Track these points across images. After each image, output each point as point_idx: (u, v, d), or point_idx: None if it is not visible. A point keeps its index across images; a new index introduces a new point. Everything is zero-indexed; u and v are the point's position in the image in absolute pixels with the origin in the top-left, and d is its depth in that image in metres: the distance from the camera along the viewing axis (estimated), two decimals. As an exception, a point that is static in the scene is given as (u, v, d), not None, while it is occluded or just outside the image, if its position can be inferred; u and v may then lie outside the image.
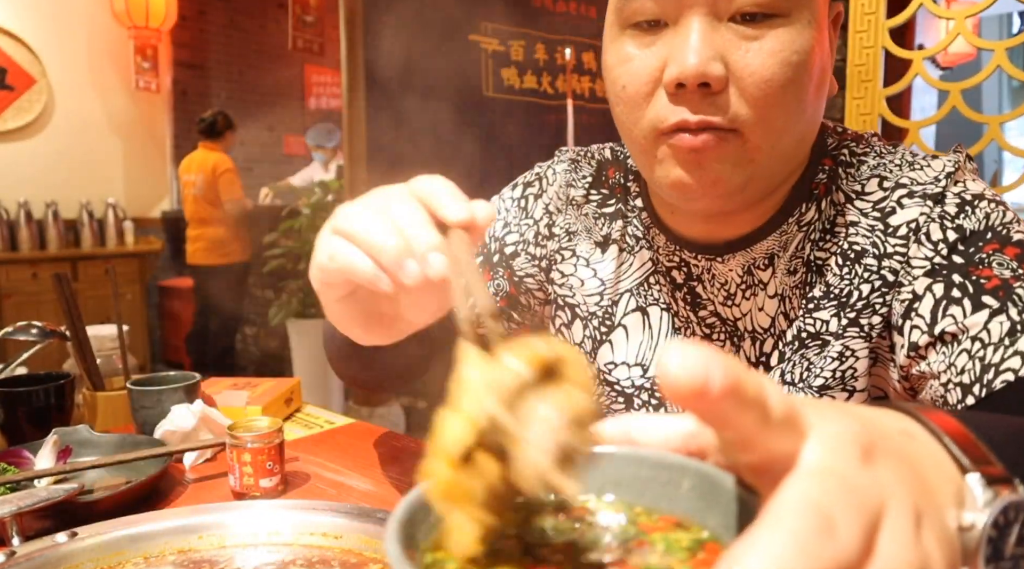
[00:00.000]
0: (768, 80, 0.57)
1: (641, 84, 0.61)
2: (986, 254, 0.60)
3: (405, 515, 0.28)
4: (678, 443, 0.32)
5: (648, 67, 0.60)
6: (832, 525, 0.23)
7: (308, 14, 5.13)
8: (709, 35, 0.57)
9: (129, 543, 0.58)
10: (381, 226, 0.47)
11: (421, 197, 0.48)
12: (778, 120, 0.59)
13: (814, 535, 0.23)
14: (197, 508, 0.62)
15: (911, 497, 0.26)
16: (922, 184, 0.64)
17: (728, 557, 0.22)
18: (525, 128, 3.52)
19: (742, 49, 0.57)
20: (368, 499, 0.74)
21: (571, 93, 3.66)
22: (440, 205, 0.46)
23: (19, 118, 4.35)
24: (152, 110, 5.03)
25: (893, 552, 0.24)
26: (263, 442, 0.73)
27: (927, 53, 1.39)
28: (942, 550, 0.26)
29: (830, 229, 0.67)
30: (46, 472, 0.74)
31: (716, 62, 0.57)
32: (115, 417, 1.01)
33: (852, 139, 0.70)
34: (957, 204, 0.62)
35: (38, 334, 1.03)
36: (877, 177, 0.66)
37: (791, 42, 0.58)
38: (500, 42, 3.43)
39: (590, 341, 0.77)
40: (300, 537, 0.60)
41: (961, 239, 0.61)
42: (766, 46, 0.57)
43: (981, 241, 0.60)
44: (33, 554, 0.55)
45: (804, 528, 0.23)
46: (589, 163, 0.81)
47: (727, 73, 0.58)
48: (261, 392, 1.02)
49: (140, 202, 4.99)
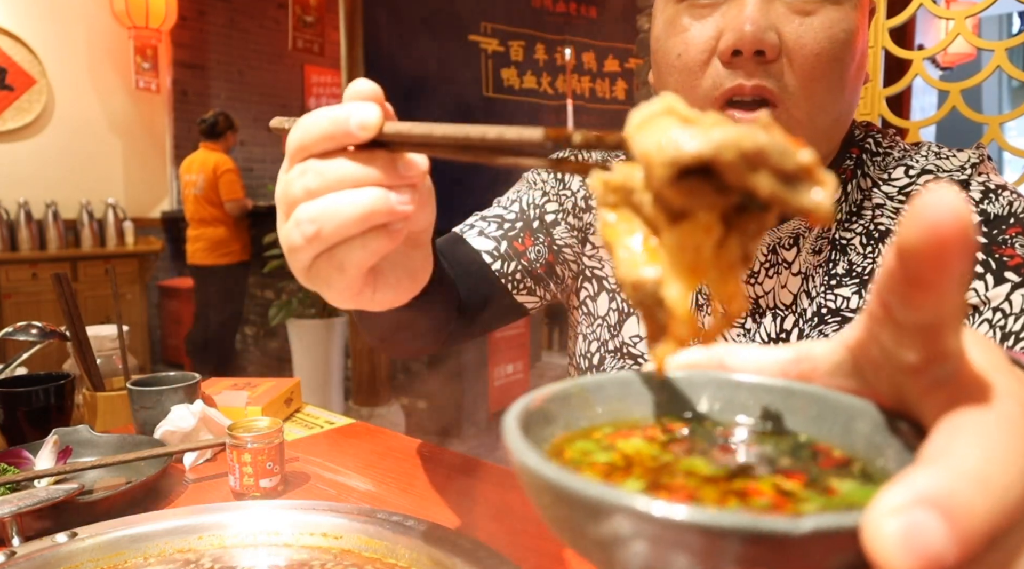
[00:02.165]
0: (818, 54, 0.60)
1: (697, 52, 0.63)
2: (1010, 236, 0.62)
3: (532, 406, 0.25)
4: (775, 371, 0.29)
5: (704, 36, 0.62)
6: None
7: (308, 14, 5.13)
8: (765, 6, 0.60)
9: (129, 543, 0.58)
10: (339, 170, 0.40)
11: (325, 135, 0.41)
12: (821, 95, 0.62)
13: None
14: (197, 508, 0.62)
15: None
16: (948, 171, 0.67)
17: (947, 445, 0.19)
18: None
19: (795, 22, 0.60)
20: (368, 499, 0.74)
21: (571, 93, 3.66)
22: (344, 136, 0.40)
23: (19, 118, 4.35)
24: (152, 110, 5.03)
25: None
26: (263, 442, 0.73)
27: (927, 53, 1.39)
28: None
29: (856, 212, 0.69)
30: (46, 472, 0.74)
31: (771, 31, 0.60)
32: (115, 417, 1.00)
33: (878, 132, 0.73)
34: (981, 191, 0.65)
35: (38, 334, 1.03)
36: (903, 165, 0.69)
37: (840, 20, 0.61)
38: (500, 42, 3.43)
39: (615, 313, 0.78)
40: (300, 537, 0.60)
41: (985, 221, 0.63)
42: (817, 21, 0.60)
43: (1004, 225, 0.63)
44: (33, 554, 0.55)
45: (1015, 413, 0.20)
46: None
47: (780, 43, 0.60)
48: (261, 392, 1.02)
49: (140, 202, 4.99)
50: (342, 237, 0.40)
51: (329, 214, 0.39)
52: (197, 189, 4.03)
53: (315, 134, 0.40)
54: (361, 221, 0.39)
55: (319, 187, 0.40)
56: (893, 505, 0.17)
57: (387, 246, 0.42)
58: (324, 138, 0.40)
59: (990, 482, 0.18)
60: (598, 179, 0.27)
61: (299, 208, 0.40)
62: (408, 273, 0.49)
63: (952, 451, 0.18)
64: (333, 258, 0.41)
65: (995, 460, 0.18)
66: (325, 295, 0.45)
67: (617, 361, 0.78)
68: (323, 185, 0.40)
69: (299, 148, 0.41)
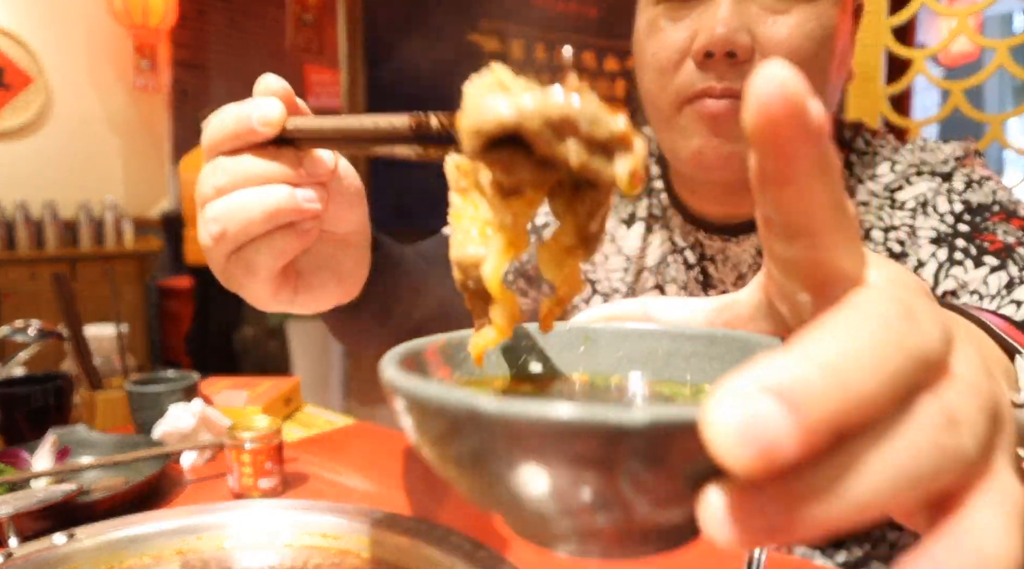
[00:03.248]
0: (792, 52, 0.60)
1: (671, 52, 0.63)
2: (992, 223, 0.62)
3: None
4: (701, 321, 0.28)
5: (678, 38, 0.63)
6: (914, 314, 0.18)
7: (308, 14, 5.13)
8: (738, 7, 0.60)
9: (127, 544, 0.58)
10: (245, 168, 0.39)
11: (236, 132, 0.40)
12: None
13: (898, 318, 0.18)
14: (196, 509, 0.62)
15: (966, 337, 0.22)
16: (931, 164, 0.66)
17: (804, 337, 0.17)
18: (525, 128, 3.52)
19: (769, 21, 0.60)
20: (368, 499, 0.74)
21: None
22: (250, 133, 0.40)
23: (16, 117, 4.35)
24: (151, 110, 5.03)
25: (970, 374, 0.19)
26: (262, 442, 0.73)
27: (929, 52, 1.39)
28: (1008, 409, 0.21)
29: None
30: (44, 473, 0.74)
31: (743, 32, 0.59)
32: (114, 417, 1.00)
33: (870, 132, 0.72)
34: (965, 182, 0.64)
35: (36, 334, 1.03)
36: (888, 162, 0.69)
37: (815, 17, 0.60)
38: (500, 42, 3.43)
39: None
40: (299, 538, 0.60)
41: (967, 210, 0.63)
42: (792, 20, 0.60)
43: (987, 212, 0.62)
44: (31, 555, 0.54)
45: (887, 311, 0.18)
46: None
47: (753, 44, 0.60)
48: (260, 392, 1.02)
49: (139, 202, 4.98)
50: (248, 236, 0.39)
51: (234, 212, 0.38)
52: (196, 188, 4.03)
53: (222, 132, 0.39)
54: (266, 219, 0.39)
55: (226, 184, 0.39)
56: (732, 391, 0.15)
57: (295, 245, 0.41)
58: (230, 136, 0.39)
59: (841, 371, 0.16)
60: (450, 163, 0.27)
61: (207, 206, 0.40)
62: (335, 276, 0.47)
63: (806, 341, 0.16)
64: (241, 258, 0.40)
65: (851, 351, 0.16)
66: (244, 296, 0.44)
67: None
68: (229, 182, 0.39)
69: (210, 146, 0.40)
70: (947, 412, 0.17)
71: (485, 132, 0.22)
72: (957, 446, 0.17)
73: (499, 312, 0.25)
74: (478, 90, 0.23)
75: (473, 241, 0.25)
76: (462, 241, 0.26)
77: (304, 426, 1.00)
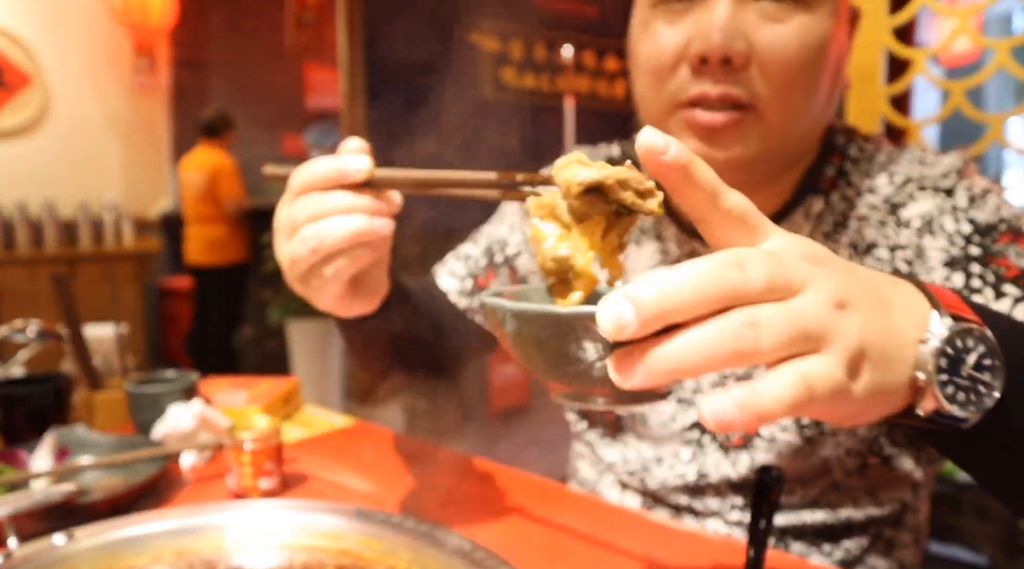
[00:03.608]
0: (789, 59, 0.60)
1: (666, 57, 0.63)
2: (1002, 245, 0.61)
3: None
4: None
5: (674, 42, 0.62)
6: (743, 263, 0.31)
7: (307, 14, 5.13)
8: (735, 13, 0.60)
9: (127, 544, 0.58)
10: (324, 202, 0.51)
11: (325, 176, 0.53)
12: (795, 100, 0.61)
13: (721, 266, 0.31)
14: (195, 509, 0.62)
15: (839, 289, 0.33)
16: (933, 178, 0.66)
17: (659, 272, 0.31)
18: (525, 128, 3.52)
19: (766, 29, 0.60)
20: (368, 500, 0.74)
21: (571, 93, 3.66)
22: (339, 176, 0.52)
23: (15, 117, 4.34)
24: (151, 110, 5.03)
25: (793, 304, 0.31)
26: (262, 442, 0.73)
27: (929, 52, 1.39)
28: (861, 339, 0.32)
29: (841, 222, 0.68)
30: (43, 473, 0.73)
31: (740, 39, 0.59)
32: (113, 417, 1.00)
33: (862, 138, 0.72)
34: (968, 197, 0.64)
35: (35, 335, 1.03)
36: (887, 173, 0.68)
37: (813, 27, 0.60)
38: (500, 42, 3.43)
39: None
40: (299, 538, 0.60)
41: (976, 230, 0.63)
42: (789, 27, 0.60)
43: (995, 232, 0.62)
44: (30, 556, 0.54)
45: (716, 261, 0.31)
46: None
47: (750, 51, 0.60)
48: (260, 392, 1.02)
49: (138, 202, 4.98)
50: (337, 249, 0.51)
51: (328, 231, 0.51)
52: (196, 188, 4.02)
53: (320, 176, 0.52)
54: (352, 238, 0.51)
55: (321, 212, 0.51)
56: (610, 298, 0.30)
57: (369, 258, 0.54)
58: (327, 179, 0.51)
59: (665, 289, 0.30)
60: (532, 201, 0.42)
61: (304, 228, 0.51)
62: (375, 286, 0.61)
63: (658, 273, 0.31)
64: (328, 265, 0.53)
65: (677, 279, 0.30)
66: (315, 300, 0.57)
67: None
68: (324, 211, 0.51)
69: (304, 185, 0.52)
70: (751, 319, 0.30)
71: (585, 183, 0.38)
72: (755, 337, 0.30)
73: (582, 283, 0.40)
74: (565, 161, 0.40)
75: (559, 247, 0.40)
76: (553, 246, 0.40)
77: (304, 426, 1.00)
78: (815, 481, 0.71)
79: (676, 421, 0.74)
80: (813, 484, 0.71)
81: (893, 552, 0.75)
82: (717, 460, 0.73)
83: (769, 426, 0.69)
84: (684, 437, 0.75)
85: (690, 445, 0.74)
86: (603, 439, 0.82)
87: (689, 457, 0.74)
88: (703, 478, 0.74)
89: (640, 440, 0.78)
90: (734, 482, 0.73)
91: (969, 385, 0.35)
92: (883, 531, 0.74)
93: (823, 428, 0.68)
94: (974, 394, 0.35)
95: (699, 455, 0.74)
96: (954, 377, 0.35)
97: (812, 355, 0.31)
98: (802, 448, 0.69)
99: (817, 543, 0.73)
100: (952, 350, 0.35)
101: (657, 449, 0.76)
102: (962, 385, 0.35)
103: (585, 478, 0.87)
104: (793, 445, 0.69)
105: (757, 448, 0.71)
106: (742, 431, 0.38)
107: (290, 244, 0.52)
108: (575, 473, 0.89)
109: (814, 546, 0.73)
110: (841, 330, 0.31)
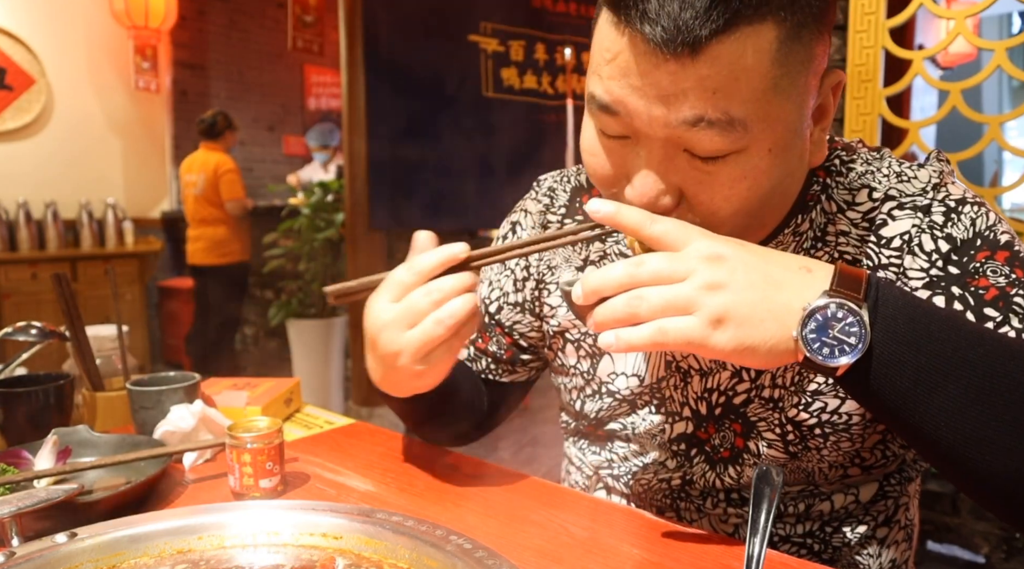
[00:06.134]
0: (719, 209, 0.58)
1: (608, 176, 0.62)
2: (979, 263, 0.61)
3: None
4: None
5: (613, 164, 0.61)
6: (642, 263, 0.52)
7: (308, 14, 5.14)
8: (664, 165, 0.57)
9: (128, 544, 0.58)
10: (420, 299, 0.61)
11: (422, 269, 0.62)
12: (741, 225, 0.60)
13: (629, 264, 0.52)
14: (196, 509, 0.62)
15: (715, 277, 0.50)
16: (911, 196, 0.65)
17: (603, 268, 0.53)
18: (525, 128, 3.52)
19: (697, 180, 0.57)
20: (368, 499, 0.74)
21: (571, 93, 3.66)
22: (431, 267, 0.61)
23: (18, 118, 4.35)
24: (152, 110, 5.03)
25: (676, 288, 0.50)
26: (262, 442, 0.73)
27: (927, 53, 1.39)
28: (724, 307, 0.50)
29: (821, 237, 0.67)
30: (45, 473, 0.74)
31: (667, 196, 0.58)
32: (115, 417, 1.00)
33: (841, 149, 0.70)
34: (943, 212, 0.64)
35: (37, 335, 1.03)
36: (866, 187, 0.67)
37: (751, 170, 0.56)
38: (500, 42, 3.43)
39: (587, 359, 0.78)
40: (299, 537, 0.60)
41: (953, 249, 0.62)
42: (721, 176, 0.56)
43: (972, 249, 0.62)
44: (32, 555, 0.54)
45: (627, 262, 0.52)
46: (564, 190, 0.83)
47: (680, 199, 0.59)
48: (261, 392, 1.02)
49: (140, 202, 4.99)
50: (460, 324, 0.60)
51: (459, 309, 0.60)
52: (197, 189, 4.03)
53: (432, 264, 0.61)
54: (468, 313, 0.60)
55: (443, 297, 0.60)
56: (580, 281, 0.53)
57: (476, 328, 0.64)
58: (439, 265, 0.61)
59: (597, 277, 0.52)
60: (629, 239, 0.60)
61: (434, 312, 0.60)
62: (445, 362, 0.66)
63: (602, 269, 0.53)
64: (455, 339, 0.62)
65: (605, 272, 0.52)
66: (421, 380, 0.65)
67: (596, 402, 0.78)
68: (445, 295, 0.60)
69: (422, 272, 0.61)
70: (638, 295, 0.51)
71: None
72: (638, 305, 0.51)
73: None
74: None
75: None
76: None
77: (304, 426, 1.00)
78: (799, 491, 0.73)
79: (664, 433, 0.75)
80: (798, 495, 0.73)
81: (886, 550, 0.75)
82: (703, 470, 0.74)
83: (756, 441, 0.71)
84: (671, 448, 0.75)
85: (677, 457, 0.75)
86: (591, 446, 0.83)
87: (675, 466, 0.75)
88: (690, 485, 0.75)
89: (627, 445, 0.78)
90: (719, 489, 0.74)
91: (835, 344, 0.49)
92: (875, 531, 0.75)
93: (807, 444, 0.69)
94: (837, 350, 0.49)
95: (685, 465, 0.75)
96: (822, 336, 0.49)
97: (679, 316, 0.50)
98: (786, 462, 0.71)
99: (807, 544, 0.74)
100: (821, 317, 0.49)
101: (643, 456, 0.77)
102: (828, 343, 0.49)
103: (575, 481, 0.87)
104: (778, 459, 0.70)
105: (744, 462, 0.72)
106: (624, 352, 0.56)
107: (420, 328, 0.60)
108: (567, 476, 0.90)
109: (803, 548, 0.74)
110: (705, 303, 0.49)
